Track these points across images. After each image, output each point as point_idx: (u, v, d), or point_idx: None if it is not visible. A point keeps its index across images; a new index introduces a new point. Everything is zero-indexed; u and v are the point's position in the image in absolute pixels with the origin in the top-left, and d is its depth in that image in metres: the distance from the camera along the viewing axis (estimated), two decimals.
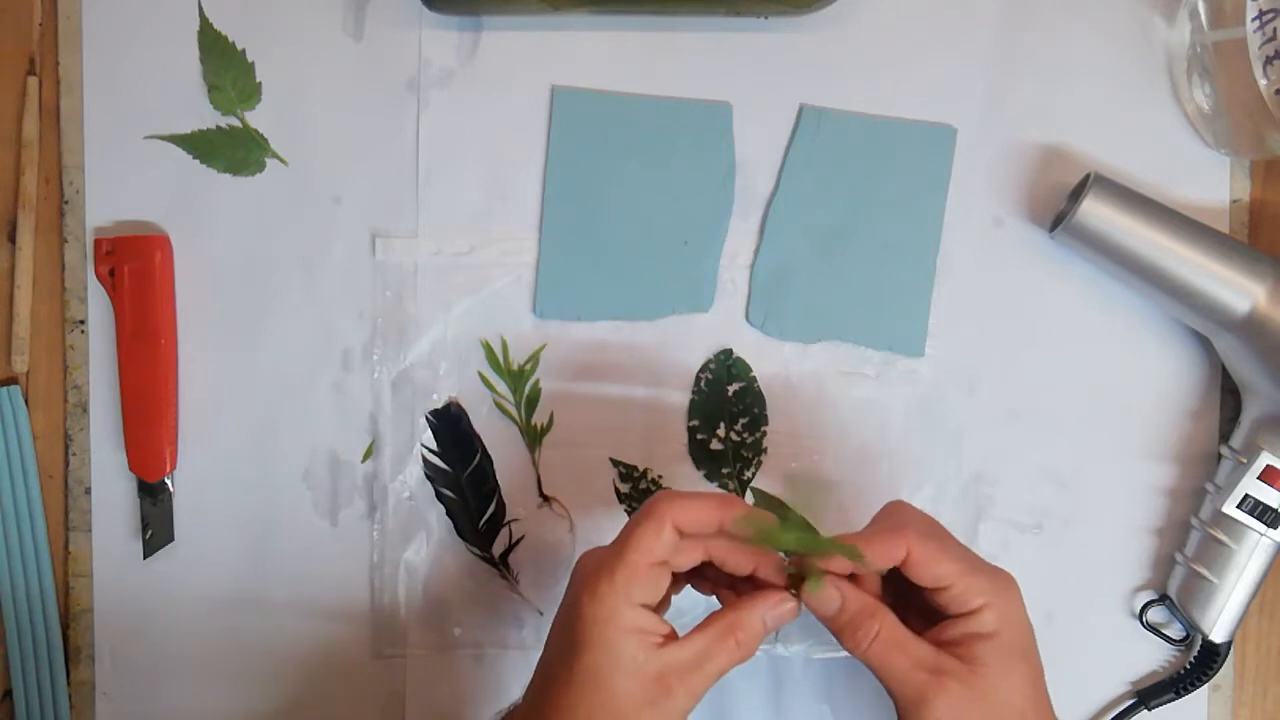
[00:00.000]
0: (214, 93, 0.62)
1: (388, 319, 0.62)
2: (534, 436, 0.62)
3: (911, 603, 0.51)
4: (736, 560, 0.50)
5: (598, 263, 0.62)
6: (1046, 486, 0.62)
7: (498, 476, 0.62)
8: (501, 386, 0.62)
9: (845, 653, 0.62)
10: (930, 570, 0.49)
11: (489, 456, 0.62)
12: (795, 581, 0.50)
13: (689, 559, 0.50)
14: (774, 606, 0.50)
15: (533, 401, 0.62)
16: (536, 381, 0.62)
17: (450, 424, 0.62)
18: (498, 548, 0.62)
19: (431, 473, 0.62)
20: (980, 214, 0.62)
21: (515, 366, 0.62)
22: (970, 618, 0.49)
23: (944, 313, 0.62)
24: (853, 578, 0.51)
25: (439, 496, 0.62)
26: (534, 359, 0.62)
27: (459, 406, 0.62)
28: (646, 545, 0.48)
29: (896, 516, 0.52)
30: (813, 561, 0.49)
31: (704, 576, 0.52)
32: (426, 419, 0.62)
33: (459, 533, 0.62)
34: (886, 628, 0.49)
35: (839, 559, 0.49)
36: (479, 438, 0.62)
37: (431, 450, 0.62)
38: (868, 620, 0.49)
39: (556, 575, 0.62)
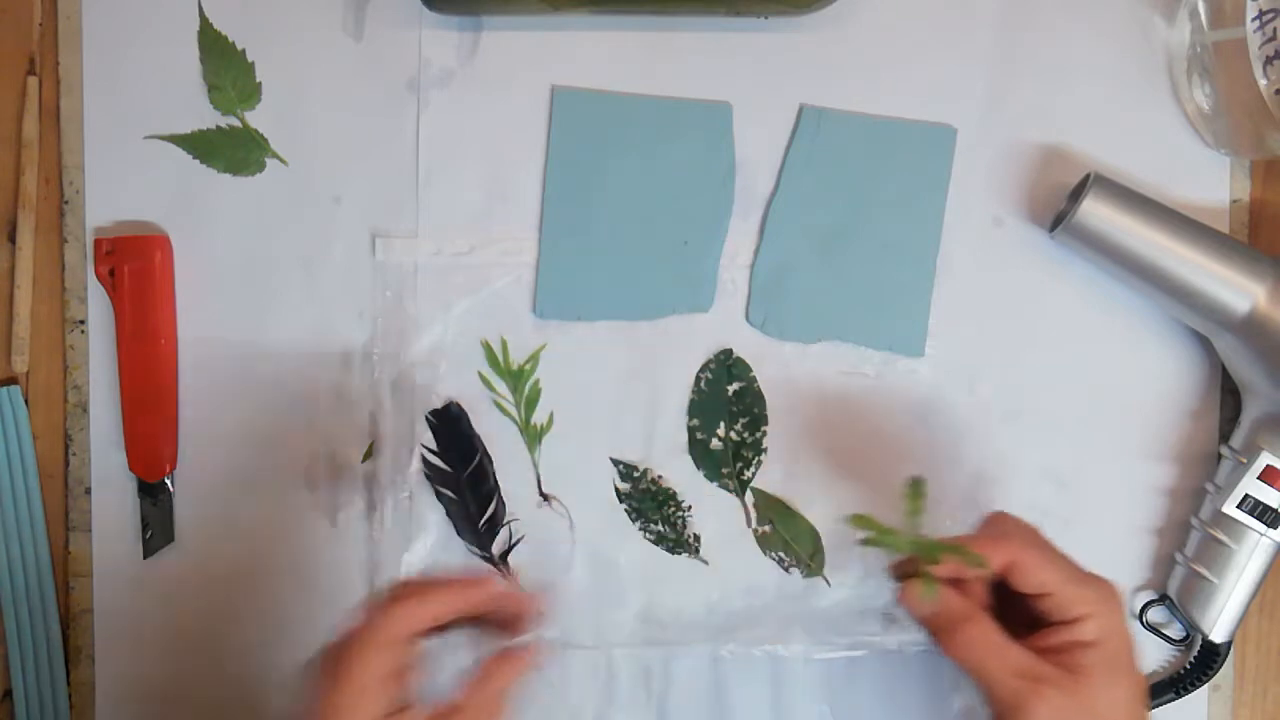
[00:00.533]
0: (214, 93, 0.62)
1: (388, 319, 0.62)
2: (534, 436, 0.62)
3: (1018, 616, 0.51)
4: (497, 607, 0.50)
5: (598, 263, 0.62)
6: (1046, 486, 0.62)
7: (498, 476, 0.62)
8: (501, 386, 0.62)
9: (845, 652, 0.62)
10: (1034, 577, 0.49)
11: (489, 456, 0.62)
12: (903, 574, 0.51)
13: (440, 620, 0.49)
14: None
15: (533, 401, 0.62)
16: (536, 381, 0.62)
17: (450, 424, 0.62)
18: (497, 548, 0.62)
19: (431, 473, 0.62)
20: (980, 214, 0.62)
21: (515, 366, 0.62)
22: (1072, 626, 0.49)
23: (944, 313, 0.62)
24: (957, 585, 0.51)
25: (439, 496, 0.62)
26: (534, 359, 0.62)
27: (459, 406, 0.62)
28: (370, 667, 0.47)
29: (1000, 526, 0.53)
30: (924, 565, 0.49)
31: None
32: (426, 419, 0.62)
33: (459, 533, 0.62)
34: (983, 630, 0.49)
35: (949, 563, 0.49)
36: (479, 438, 0.62)
37: (431, 450, 0.62)
38: (964, 623, 0.49)
39: (556, 575, 0.62)
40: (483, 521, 0.62)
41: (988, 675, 0.49)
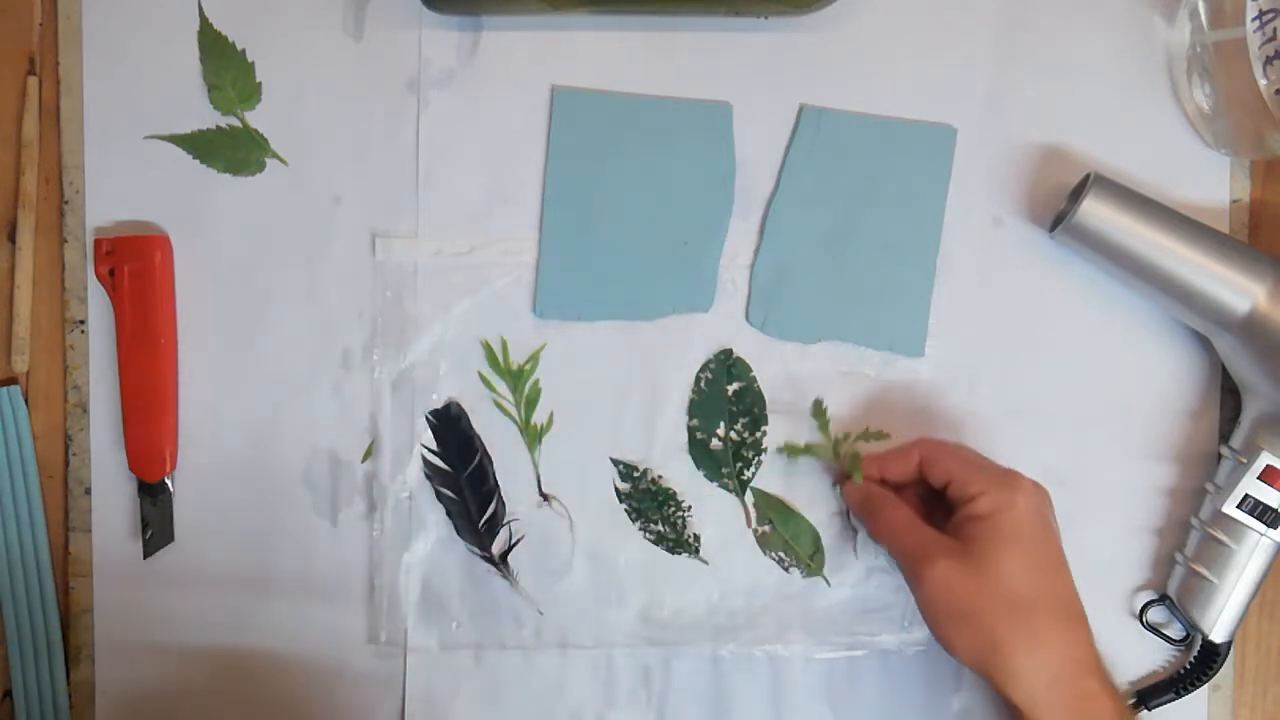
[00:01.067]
0: (214, 93, 0.62)
1: (388, 319, 0.62)
2: (534, 436, 0.62)
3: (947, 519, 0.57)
4: None
5: (598, 263, 0.62)
6: (1046, 486, 0.62)
7: (498, 476, 0.62)
8: (501, 386, 0.62)
9: (845, 652, 0.63)
10: (939, 467, 0.57)
11: (489, 456, 0.62)
12: (842, 479, 0.61)
13: None
14: None
15: (532, 401, 0.62)
16: (536, 381, 0.62)
17: (450, 424, 0.62)
18: (497, 547, 0.62)
19: (431, 473, 0.62)
20: (980, 214, 0.62)
21: (515, 367, 0.62)
22: (968, 504, 0.55)
23: (944, 313, 0.62)
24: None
25: (439, 496, 0.62)
26: (534, 359, 0.62)
27: (459, 406, 0.62)
28: None
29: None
30: (855, 463, 0.60)
31: None
32: (426, 419, 0.62)
33: (459, 533, 0.62)
34: (899, 513, 0.57)
35: (869, 464, 0.59)
36: (479, 438, 0.62)
37: (431, 450, 0.62)
38: (885, 508, 0.57)
39: (556, 575, 0.62)
40: (483, 521, 0.62)
41: (898, 548, 0.56)
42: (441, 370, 0.62)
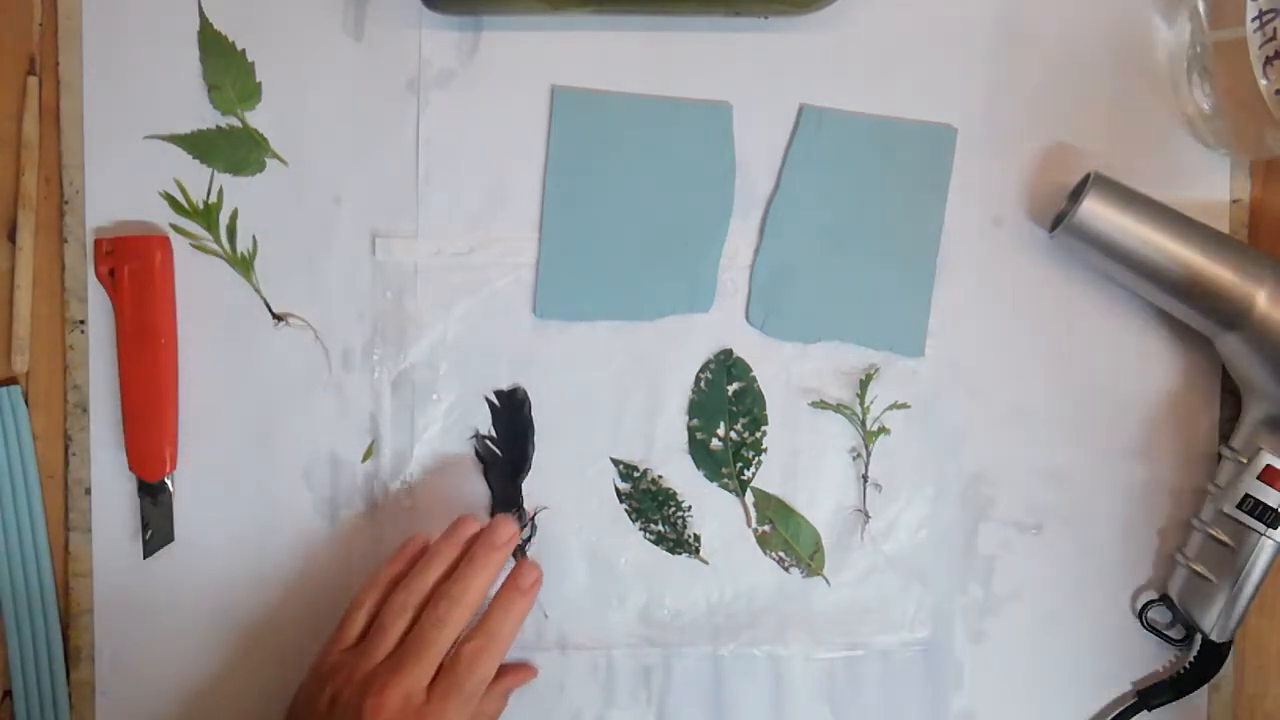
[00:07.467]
0: (214, 93, 0.62)
1: (388, 319, 0.62)
2: (244, 265, 0.61)
3: None
4: None
5: (598, 263, 0.62)
6: (1046, 486, 0.62)
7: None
8: (194, 228, 0.61)
9: (845, 652, 0.63)
10: None
11: (534, 446, 0.62)
12: None
13: None
14: None
15: (232, 231, 0.61)
16: (234, 214, 0.61)
17: (514, 408, 0.62)
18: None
19: (484, 454, 0.62)
20: (980, 214, 0.62)
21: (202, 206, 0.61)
22: None
23: (944, 313, 0.62)
24: None
25: (487, 478, 0.62)
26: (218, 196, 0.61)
27: (524, 392, 0.62)
28: None
29: None
30: None
31: None
32: (488, 400, 0.62)
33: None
34: None
35: None
36: (533, 427, 0.62)
37: (488, 437, 0.62)
38: None
39: (556, 575, 0.62)
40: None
41: None
42: (441, 370, 0.62)
